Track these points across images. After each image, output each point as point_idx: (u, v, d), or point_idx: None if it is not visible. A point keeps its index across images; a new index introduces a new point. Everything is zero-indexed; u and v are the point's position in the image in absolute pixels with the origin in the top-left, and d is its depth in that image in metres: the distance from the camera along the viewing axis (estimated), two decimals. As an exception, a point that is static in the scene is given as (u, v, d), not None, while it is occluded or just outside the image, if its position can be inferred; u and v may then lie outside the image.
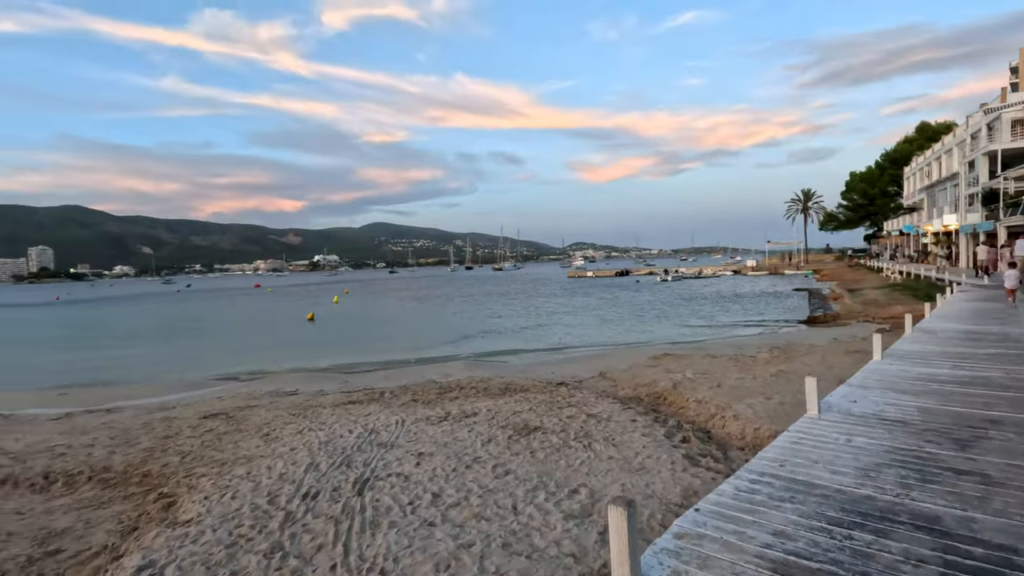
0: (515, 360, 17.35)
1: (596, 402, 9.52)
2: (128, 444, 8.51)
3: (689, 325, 24.77)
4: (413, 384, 12.93)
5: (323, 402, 10.90)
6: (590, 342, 21.01)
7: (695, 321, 26.15)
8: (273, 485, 5.93)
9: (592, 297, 44.41)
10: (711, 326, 24.14)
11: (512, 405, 9.46)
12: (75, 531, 5.81)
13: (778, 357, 13.32)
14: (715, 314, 28.66)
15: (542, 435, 7.49)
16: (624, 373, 12.90)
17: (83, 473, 7.40)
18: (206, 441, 8.34)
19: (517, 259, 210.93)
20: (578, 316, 30.71)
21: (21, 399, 14.09)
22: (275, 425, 9.01)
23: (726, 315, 28.02)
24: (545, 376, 13.52)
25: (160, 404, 12.32)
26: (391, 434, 7.90)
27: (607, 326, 25.78)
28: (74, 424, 10.45)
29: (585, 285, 65.24)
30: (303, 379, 15.14)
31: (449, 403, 9.97)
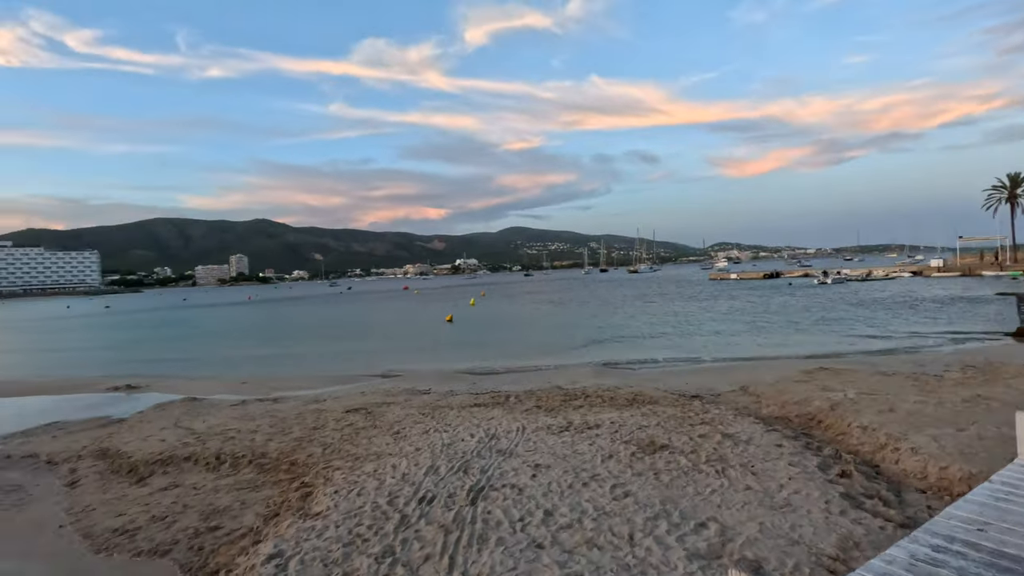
0: (646, 369, 16.49)
1: (734, 420, 8.56)
2: (283, 433, 9.48)
3: (853, 334, 21.66)
4: (539, 389, 12.83)
5: (451, 403, 11.23)
6: (732, 351, 19.30)
7: (862, 329, 22.81)
8: (395, 485, 6.12)
9: (738, 301, 41.07)
10: (882, 336, 20.85)
11: (638, 418, 8.87)
12: (232, 510, 6.53)
13: (973, 378, 10.97)
14: (888, 322, 24.75)
15: (669, 455, 6.87)
16: (770, 388, 11.53)
17: (245, 457, 8.37)
18: (345, 435, 8.98)
19: (653, 261, 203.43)
20: (721, 322, 28.51)
21: (214, 386, 16.57)
22: (405, 424, 9.43)
23: (902, 324, 24.05)
24: (678, 387, 12.61)
25: (315, 396, 13.66)
26: (511, 441, 7.81)
27: (753, 334, 23.54)
28: (246, 411, 11.96)
29: (729, 288, 60.66)
30: (437, 379, 15.84)
31: (572, 412, 9.66)
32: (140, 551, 5.65)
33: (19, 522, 6.83)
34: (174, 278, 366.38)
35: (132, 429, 10.96)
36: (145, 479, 7.97)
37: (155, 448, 9.21)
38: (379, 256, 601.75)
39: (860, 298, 37.89)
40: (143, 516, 6.52)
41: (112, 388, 16.42)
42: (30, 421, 12.48)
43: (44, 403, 14.77)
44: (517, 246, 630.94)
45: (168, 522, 6.30)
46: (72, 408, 13.95)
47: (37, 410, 13.83)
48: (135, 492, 7.46)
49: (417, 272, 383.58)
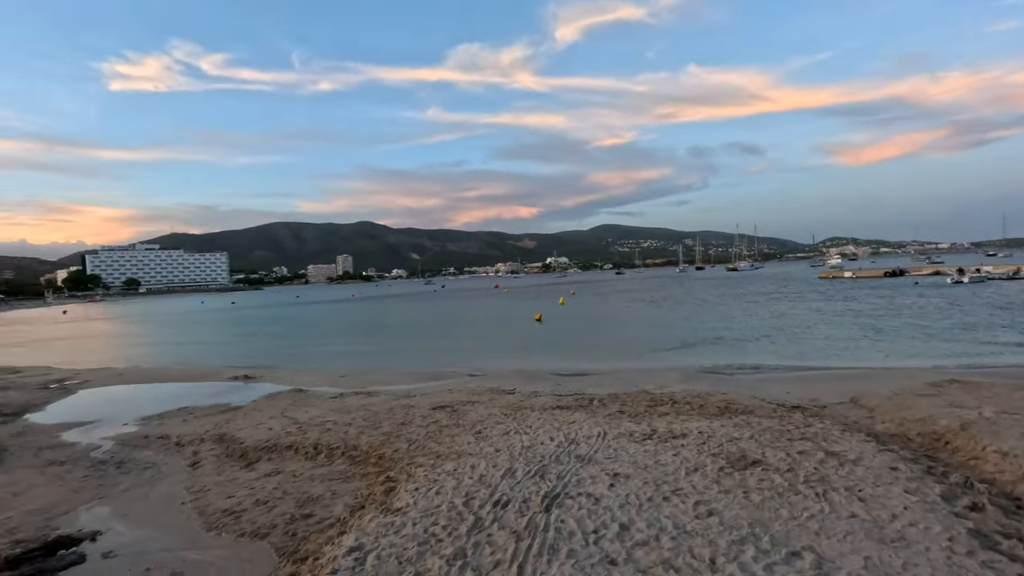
0: (742, 375, 15.48)
1: (841, 437, 7.77)
2: (374, 427, 9.97)
3: (996, 343, 18.95)
4: (624, 393, 12.47)
5: (533, 404, 11.21)
6: (844, 358, 17.62)
7: (1007, 337, 19.91)
8: (472, 486, 6.19)
9: (855, 302, 37.49)
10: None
11: (729, 429, 8.33)
12: (324, 499, 6.95)
13: None
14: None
15: (762, 472, 6.36)
16: (886, 401, 10.37)
17: (339, 448, 8.89)
18: (430, 432, 9.27)
19: (755, 258, 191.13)
20: (833, 325, 26.15)
21: (317, 378, 17.84)
22: (487, 424, 9.55)
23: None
24: (777, 397, 11.71)
25: (405, 392, 14.26)
26: (590, 447, 7.64)
27: (871, 339, 21.34)
28: (343, 404, 12.73)
29: (843, 288, 55.53)
30: (522, 379, 15.92)
31: (657, 419, 9.28)
32: (243, 532, 6.17)
33: (152, 497, 7.74)
34: (289, 276, 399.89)
35: (246, 416, 12.06)
36: (253, 464, 8.72)
37: (263, 435, 10.06)
38: (472, 255, 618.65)
39: (1009, 300, 33.10)
40: (248, 499, 7.13)
41: (232, 377, 18.21)
42: (165, 405, 14.15)
43: (178, 389, 16.70)
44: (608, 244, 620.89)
45: (269, 506, 6.83)
46: (200, 395, 15.64)
47: (171, 395, 15.66)
48: (244, 476, 8.18)
49: (508, 271, 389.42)
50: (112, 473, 8.91)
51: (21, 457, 9.99)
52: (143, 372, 20.44)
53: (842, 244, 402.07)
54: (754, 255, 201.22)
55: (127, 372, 20.47)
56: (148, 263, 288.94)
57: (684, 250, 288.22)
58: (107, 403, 15.03)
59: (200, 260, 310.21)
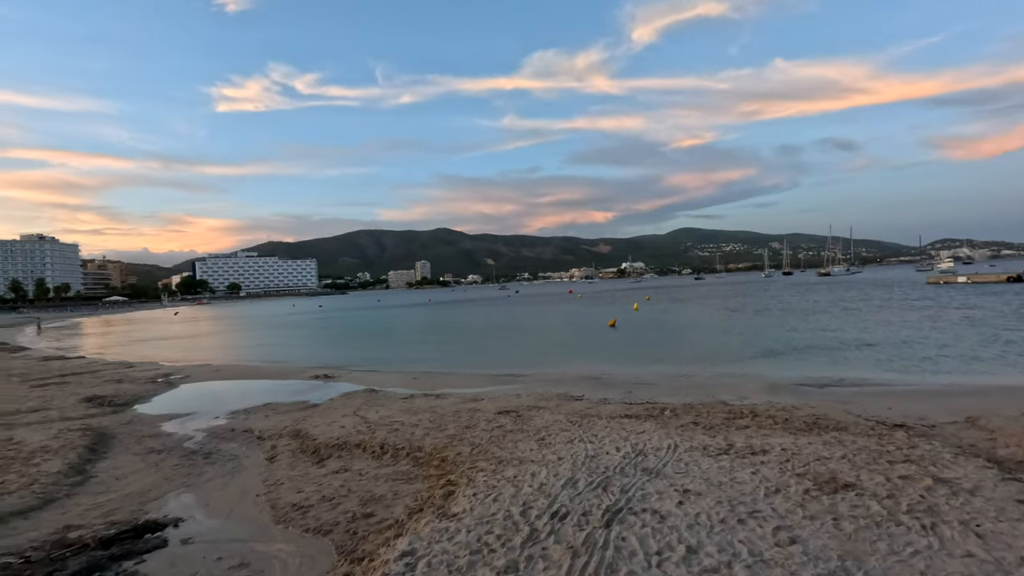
0: (835, 388, 14.17)
1: (953, 461, 6.81)
2: (439, 429, 10.00)
3: None
4: (699, 403, 11.77)
5: (601, 412, 10.82)
6: (957, 373, 15.70)
7: None
8: (531, 495, 5.97)
9: (977, 310, 33.61)
10: None
11: (818, 448, 7.55)
12: (386, 499, 7.00)
13: None
14: None
15: (855, 497, 5.66)
16: (1011, 422, 9.04)
17: (404, 449, 8.98)
18: (493, 436, 9.15)
19: (851, 262, 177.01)
20: (946, 334, 23.50)
21: (390, 379, 18.33)
22: (552, 430, 9.29)
23: None
24: (875, 412, 10.56)
25: (473, 395, 14.28)
26: (659, 459, 7.18)
27: (990, 351, 18.93)
28: (412, 405, 12.93)
29: (956, 294, 50.01)
30: (592, 385, 15.49)
31: (735, 432, 8.61)
32: (308, 528, 6.31)
33: (231, 487, 8.15)
34: (372, 282, 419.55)
35: (322, 414, 12.55)
36: (324, 460, 8.99)
37: (335, 433, 10.38)
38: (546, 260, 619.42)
39: None
40: (316, 495, 7.32)
41: (313, 376, 19.13)
42: (252, 401, 15.04)
43: (264, 386, 17.76)
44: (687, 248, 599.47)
45: (334, 503, 6.97)
46: (283, 392, 16.52)
47: (259, 392, 16.66)
48: (314, 472, 8.44)
49: (583, 276, 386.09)
50: (200, 463, 9.52)
51: (127, 444, 10.94)
52: (236, 369, 21.97)
53: (955, 246, 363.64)
54: (850, 259, 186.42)
55: (223, 369, 22.10)
56: (248, 269, 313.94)
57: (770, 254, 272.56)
58: (203, 397, 16.23)
59: (292, 266, 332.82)
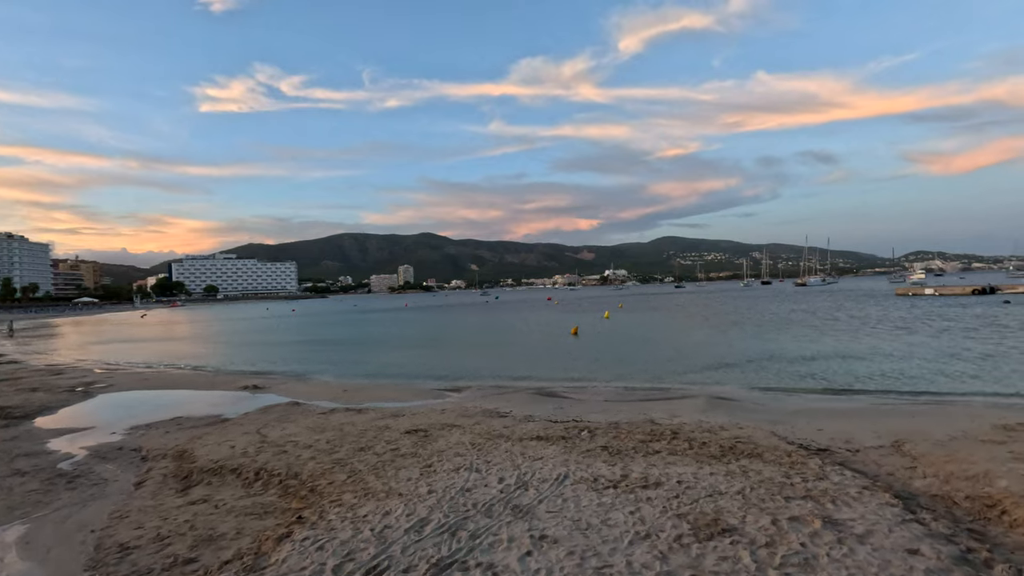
0: (776, 404, 13.60)
1: (857, 497, 6.18)
2: (330, 451, 9.17)
3: (1099, 375, 15.93)
4: (626, 422, 11.09)
5: (514, 432, 10.07)
6: (904, 386, 15.27)
7: (1113, 369, 16.73)
8: (363, 542, 5.19)
9: (936, 322, 33.65)
10: None
11: (718, 479, 6.89)
12: (223, 540, 6.14)
13: None
14: None
15: (730, 546, 4.98)
16: (936, 448, 8.49)
17: (279, 475, 8.12)
18: (381, 462, 8.34)
19: (828, 272, 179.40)
20: (901, 346, 23.23)
21: (321, 390, 17.40)
22: (447, 455, 8.52)
23: None
24: (805, 434, 9.98)
25: (397, 410, 13.45)
26: (538, 494, 6.45)
27: (941, 365, 18.61)
28: (325, 421, 12.06)
29: (921, 305, 50.40)
30: (527, 399, 14.77)
31: (640, 460, 7.92)
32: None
33: (71, 521, 7.22)
34: (354, 285, 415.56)
35: (223, 431, 11.62)
36: (190, 488, 8.10)
37: (220, 455, 9.48)
38: (530, 267, 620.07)
39: (1119, 323, 28.49)
40: (152, 533, 6.44)
41: (243, 387, 18.11)
42: (163, 414, 14.03)
43: (185, 397, 16.71)
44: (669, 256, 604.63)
45: (164, 544, 6.11)
46: (202, 403, 15.51)
47: (176, 403, 15.62)
48: (171, 502, 7.55)
49: (566, 283, 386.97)
50: (59, 489, 8.55)
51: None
52: (168, 377, 20.83)
53: (928, 258, 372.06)
54: (827, 269, 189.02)
55: (154, 377, 20.94)
56: (226, 271, 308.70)
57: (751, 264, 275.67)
58: (113, 409, 15.15)
59: (272, 269, 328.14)
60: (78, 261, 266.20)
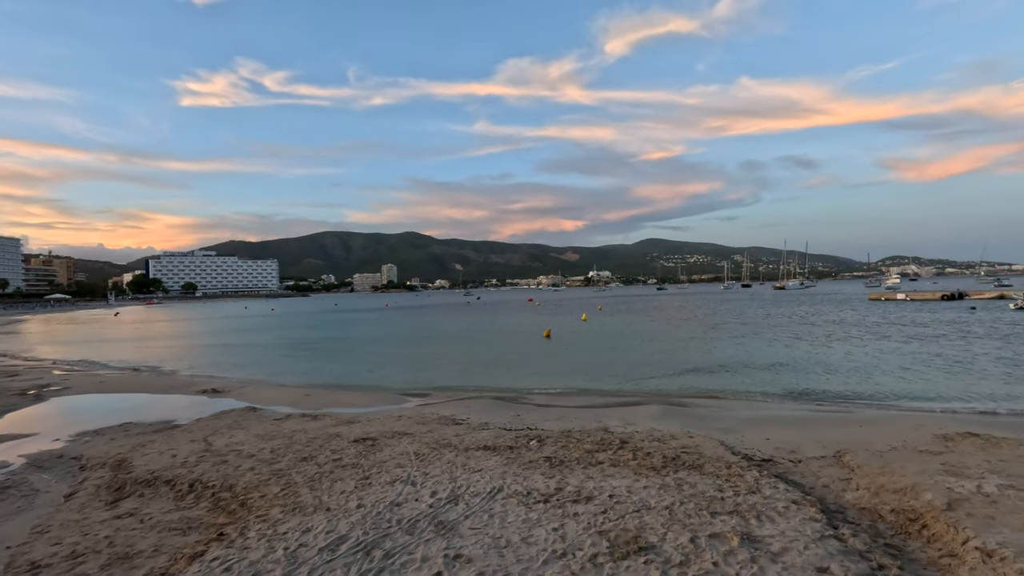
0: (729, 413, 13.71)
1: (783, 512, 6.21)
2: (271, 462, 9.00)
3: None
4: (579, 430, 11.09)
5: (462, 442, 10.00)
6: (861, 390, 15.51)
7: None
8: (270, 564, 5.07)
9: (905, 327, 34.30)
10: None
11: (652, 492, 6.88)
12: (139, 558, 5.98)
13: None
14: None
15: (644, 564, 4.96)
16: (874, 459, 8.60)
17: (213, 487, 7.94)
18: (321, 472, 8.20)
19: (806, 276, 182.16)
20: (864, 352, 23.64)
21: (282, 395, 17.13)
22: (388, 466, 8.42)
23: None
24: (752, 443, 10.06)
25: (353, 416, 13.29)
26: (468, 509, 6.38)
27: (903, 372, 18.96)
28: (277, 428, 11.86)
29: (892, 310, 51.41)
30: (486, 406, 14.70)
31: (579, 472, 7.89)
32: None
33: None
34: (336, 284, 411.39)
35: (170, 438, 11.35)
36: (120, 500, 7.88)
37: (160, 464, 9.26)
38: (514, 267, 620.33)
39: (1075, 331, 29.33)
40: (67, 550, 6.24)
41: (202, 391, 17.76)
42: (113, 419, 13.68)
43: (139, 401, 16.33)
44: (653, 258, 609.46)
45: (78, 562, 5.92)
46: (156, 408, 15.17)
47: (128, 408, 15.26)
48: (97, 515, 7.34)
49: (550, 283, 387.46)
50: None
51: (-78, 474, 9.56)
52: (125, 381, 20.36)
53: (903, 263, 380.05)
54: (806, 273, 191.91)
55: (110, 380, 20.45)
56: (205, 269, 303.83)
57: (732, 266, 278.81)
58: (62, 414, 14.75)
59: (253, 267, 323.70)
60: (51, 256, 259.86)
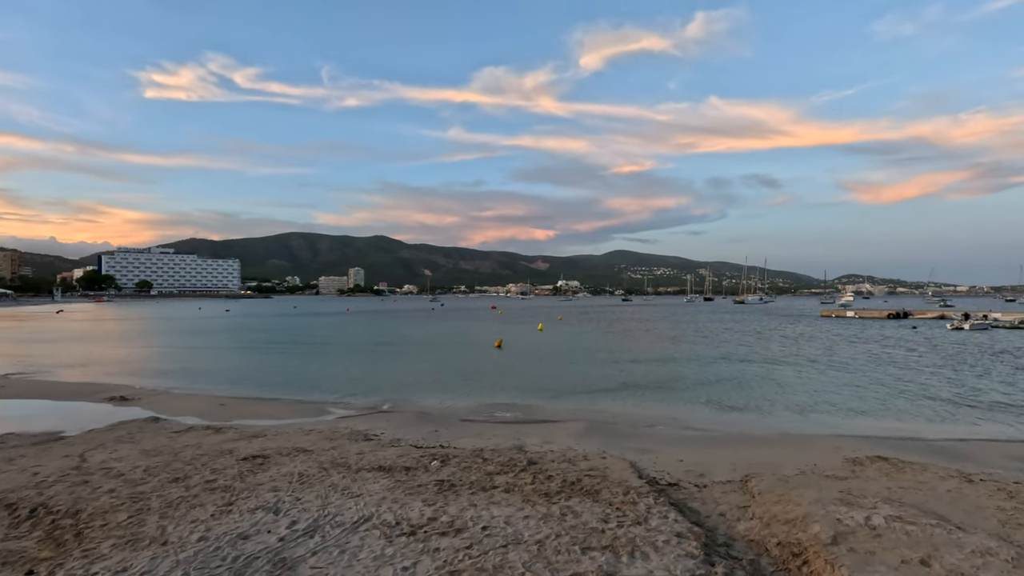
0: (650, 432, 13.45)
1: (660, 548, 5.83)
2: (137, 483, 8.20)
3: (968, 404, 16.69)
4: (492, 448, 10.61)
5: (363, 460, 9.37)
6: (785, 416, 15.49)
7: (991, 397, 17.61)
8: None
9: (844, 345, 35.06)
10: (1015, 410, 15.79)
11: (531, 524, 6.42)
12: (-77, 601, 5.19)
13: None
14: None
15: (483, 613, 4.48)
16: (777, 484, 8.36)
17: (58, 512, 7.12)
18: (182, 498, 7.46)
19: (766, 292, 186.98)
20: (809, 370, 23.92)
21: (195, 404, 16.12)
22: (263, 490, 7.74)
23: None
24: (663, 466, 9.76)
25: (261, 429, 12.49)
26: (319, 543, 5.80)
27: (835, 394, 19.14)
28: (168, 443, 10.99)
29: (841, 327, 52.83)
30: (407, 420, 14.10)
31: (465, 498, 7.38)
32: None
33: None
34: (301, 287, 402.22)
35: (44, 452, 10.37)
36: (-54, 527, 6.99)
37: (13, 484, 8.33)
38: (484, 274, 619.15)
39: (1003, 349, 30.48)
40: None
41: (110, 398, 16.59)
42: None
43: (34, 409, 15.12)
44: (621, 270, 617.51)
45: None
46: (51, 418, 14.01)
47: (19, 416, 14.09)
48: (-92, 546, 6.45)
49: (519, 291, 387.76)
50: None
51: None
52: (24, 385, 18.92)
53: (858, 282, 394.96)
54: (766, 289, 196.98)
55: (12, 385, 18.97)
56: (162, 266, 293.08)
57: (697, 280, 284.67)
58: (-60, 422, 13.46)
59: (213, 266, 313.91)
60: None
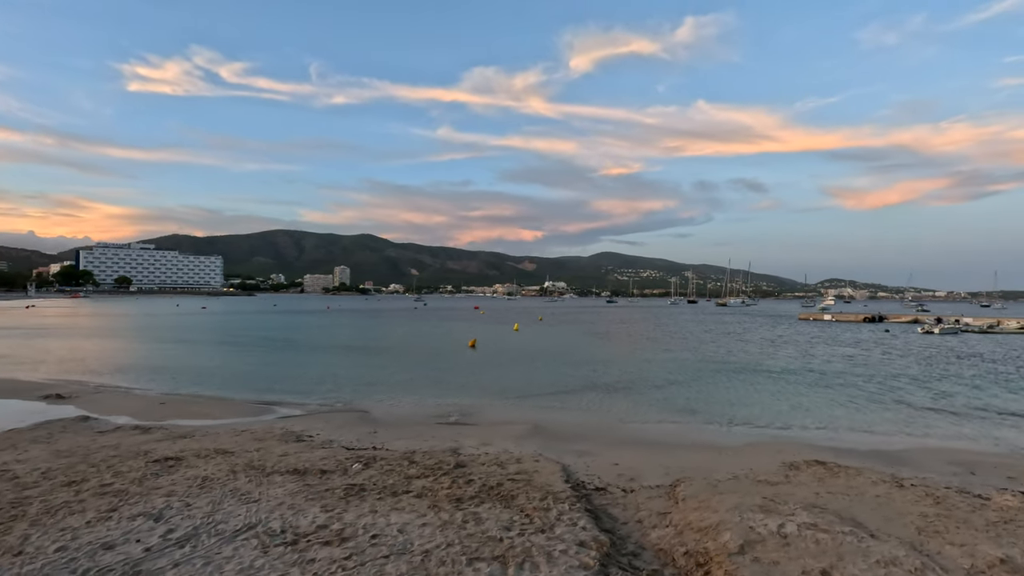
0: (597, 431, 13.19)
1: (555, 559, 5.52)
2: (28, 487, 7.70)
3: (926, 407, 16.68)
4: (425, 451, 10.27)
5: (282, 463, 8.97)
6: (740, 415, 15.34)
7: (953, 401, 17.64)
8: None
9: (820, 346, 35.23)
10: (966, 415, 15.80)
11: (427, 532, 6.09)
12: None
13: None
14: (996, 395, 19.12)
15: (332, 631, 4.13)
16: (705, 490, 8.11)
17: (-73, 519, 6.66)
18: (67, 502, 7.00)
19: (750, 295, 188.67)
20: (784, 378, 23.88)
21: (132, 404, 15.59)
22: (157, 494, 7.32)
23: (1011, 399, 18.41)
24: (597, 470, 9.50)
25: (193, 429, 12.04)
26: (188, 554, 5.41)
27: (799, 397, 19.06)
28: (87, 444, 10.50)
29: (816, 330, 53.24)
30: (346, 422, 13.73)
31: (369, 503, 7.02)
32: None
33: None
34: (286, 285, 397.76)
35: (-51, 453, 9.84)
36: None
37: None
38: (471, 274, 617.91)
39: (968, 353, 30.79)
40: None
41: (44, 396, 15.98)
42: (-91, 428, 11.92)
43: (-39, 407, 14.48)
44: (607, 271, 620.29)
45: None
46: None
47: (-59, 415, 13.45)
48: None
49: (505, 292, 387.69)
50: None
51: None
52: (-37, 383, 18.22)
53: (840, 286, 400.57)
54: (750, 292, 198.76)
55: (-52, 382, 18.26)
56: (143, 262, 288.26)
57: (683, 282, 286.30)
58: None
59: (195, 262, 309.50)
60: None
